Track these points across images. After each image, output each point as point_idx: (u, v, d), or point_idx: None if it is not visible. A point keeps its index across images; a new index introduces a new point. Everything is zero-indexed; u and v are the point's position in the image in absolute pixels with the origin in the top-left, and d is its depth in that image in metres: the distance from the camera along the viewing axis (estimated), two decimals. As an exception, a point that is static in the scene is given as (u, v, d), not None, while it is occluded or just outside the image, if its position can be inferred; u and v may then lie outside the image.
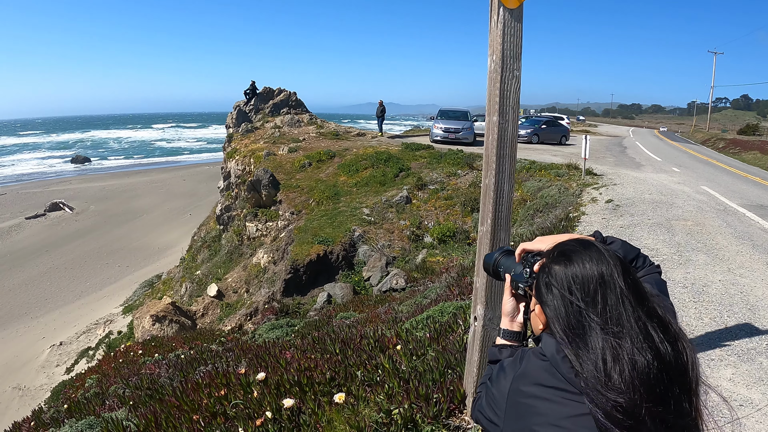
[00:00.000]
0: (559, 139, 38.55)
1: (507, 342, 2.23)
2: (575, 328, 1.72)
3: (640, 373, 1.61)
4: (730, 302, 7.84)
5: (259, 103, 39.98)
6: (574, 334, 1.72)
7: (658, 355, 1.65)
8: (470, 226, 19.36)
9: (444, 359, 4.85)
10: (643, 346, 1.65)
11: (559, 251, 1.88)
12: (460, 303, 7.36)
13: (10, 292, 32.44)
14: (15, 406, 19.55)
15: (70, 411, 7.09)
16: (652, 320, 1.71)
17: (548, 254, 1.92)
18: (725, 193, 18.36)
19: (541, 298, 1.87)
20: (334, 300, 16.55)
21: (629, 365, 1.62)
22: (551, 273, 1.84)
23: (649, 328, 1.69)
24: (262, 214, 25.21)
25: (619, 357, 1.63)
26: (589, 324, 1.71)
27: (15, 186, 65.99)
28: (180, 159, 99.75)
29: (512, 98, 3.67)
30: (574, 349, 1.71)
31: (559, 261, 1.84)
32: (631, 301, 1.72)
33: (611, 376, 1.62)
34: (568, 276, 1.78)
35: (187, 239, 35.91)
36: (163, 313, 19.58)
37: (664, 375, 1.63)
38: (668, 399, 1.62)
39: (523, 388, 1.77)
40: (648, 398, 1.60)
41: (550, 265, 1.87)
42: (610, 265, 1.77)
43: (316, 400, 4.48)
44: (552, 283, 1.82)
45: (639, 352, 1.64)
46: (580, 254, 1.82)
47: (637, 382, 1.60)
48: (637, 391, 1.60)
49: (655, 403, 1.60)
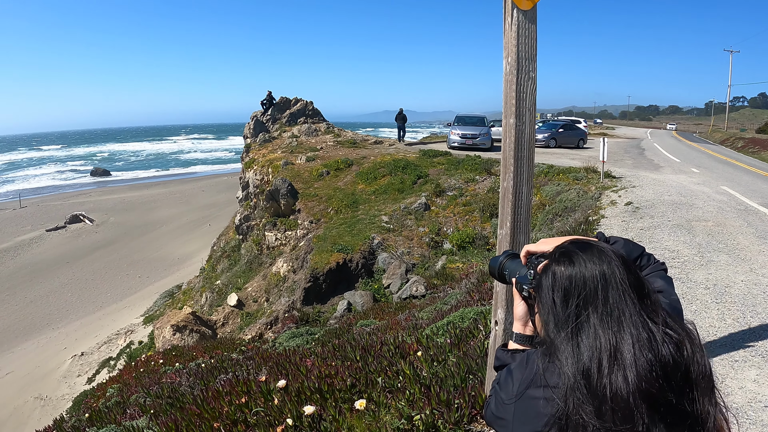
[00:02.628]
0: (576, 142, 38.35)
1: (519, 346, 2.22)
2: (569, 328, 1.72)
3: (640, 372, 1.60)
4: (753, 302, 7.75)
5: (276, 113, 40.13)
6: (567, 333, 1.72)
7: (659, 355, 1.63)
8: (489, 231, 19.30)
9: (465, 365, 4.82)
10: (644, 345, 1.64)
11: (560, 252, 1.88)
12: (481, 308, 7.33)
13: (31, 304, 32.75)
14: (37, 415, 19.69)
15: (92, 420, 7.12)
16: (655, 319, 1.70)
17: (550, 256, 1.91)
18: (745, 192, 18.19)
19: (540, 299, 1.87)
20: (354, 308, 16.53)
21: (631, 364, 1.61)
22: (552, 274, 1.83)
23: (651, 326, 1.68)
24: (281, 224, 25.27)
25: (618, 356, 1.63)
26: (587, 323, 1.70)
27: (35, 199, 66.67)
28: (198, 170, 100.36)
29: (528, 100, 3.66)
30: (565, 347, 1.71)
31: (561, 262, 1.83)
32: (634, 299, 1.72)
33: (605, 376, 1.62)
34: (569, 277, 1.77)
35: (206, 249, 36.08)
36: (183, 323, 19.65)
37: (665, 375, 1.61)
38: (668, 399, 1.61)
39: (530, 392, 1.76)
40: (646, 397, 1.59)
41: (551, 266, 1.86)
42: (612, 264, 1.76)
43: (337, 406, 4.47)
44: (552, 284, 1.81)
45: (640, 351, 1.63)
46: (580, 255, 1.81)
47: (636, 380, 1.59)
48: (636, 389, 1.59)
49: (654, 403, 1.59)
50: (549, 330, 1.78)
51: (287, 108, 40.89)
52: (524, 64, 3.61)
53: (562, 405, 1.64)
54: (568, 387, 1.64)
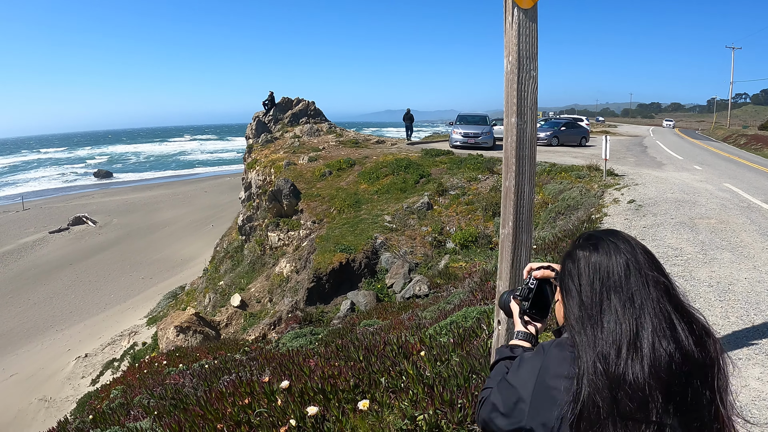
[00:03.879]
0: (579, 140, 38.29)
1: (522, 343, 2.24)
2: (591, 313, 1.73)
3: (657, 361, 1.60)
4: (757, 300, 7.74)
5: (278, 113, 40.15)
6: (589, 318, 1.72)
7: (679, 346, 1.64)
8: (492, 230, 19.30)
9: (468, 364, 4.82)
10: (666, 334, 1.64)
11: (585, 237, 1.90)
12: (484, 308, 7.33)
13: (35, 306, 32.78)
14: (41, 417, 19.71)
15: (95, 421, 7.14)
16: (677, 311, 1.71)
17: (575, 242, 1.92)
18: (749, 189, 18.15)
19: (563, 285, 1.87)
20: (357, 308, 16.54)
21: (649, 352, 1.61)
22: (576, 259, 1.84)
23: (672, 317, 1.68)
24: (284, 224, 25.28)
25: (638, 343, 1.63)
26: (609, 309, 1.71)
27: (38, 201, 66.76)
28: (200, 171, 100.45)
29: (530, 99, 3.65)
30: (586, 332, 1.71)
31: (585, 247, 1.84)
32: (657, 289, 1.72)
33: (623, 362, 1.62)
34: (595, 263, 1.79)
35: (209, 250, 36.09)
36: (187, 324, 19.66)
37: (683, 366, 1.62)
38: (686, 392, 1.61)
39: (548, 382, 1.76)
40: (661, 387, 1.59)
41: (575, 251, 1.87)
42: (637, 253, 1.77)
43: (340, 407, 4.47)
44: (577, 269, 1.82)
45: (659, 341, 1.63)
46: (606, 242, 1.82)
47: (654, 369, 1.59)
48: (652, 378, 1.58)
49: (669, 393, 1.59)
50: (571, 316, 1.79)
51: (289, 108, 40.92)
52: (525, 62, 3.60)
53: (579, 390, 1.64)
54: (586, 372, 1.64)
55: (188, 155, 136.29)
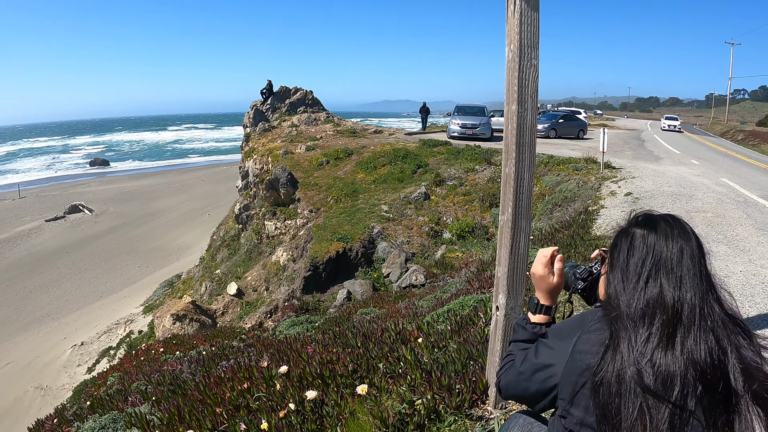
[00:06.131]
0: (576, 133, 38.28)
1: (543, 318, 2.25)
2: (638, 291, 1.75)
3: (694, 349, 1.63)
4: (752, 293, 7.78)
5: (275, 102, 40.05)
6: (630, 290, 1.76)
7: (717, 339, 1.66)
8: (489, 221, 19.34)
9: (466, 351, 4.85)
10: (704, 325, 1.67)
11: (644, 216, 1.92)
12: (481, 296, 7.36)
13: (31, 294, 32.81)
14: (37, 405, 19.75)
15: (93, 408, 7.14)
16: (720, 305, 1.75)
17: (631, 219, 1.95)
18: (745, 184, 18.21)
19: (613, 259, 1.89)
20: (353, 297, 16.57)
21: (693, 339, 1.64)
22: (632, 235, 1.86)
23: (716, 308, 1.72)
24: (281, 213, 25.29)
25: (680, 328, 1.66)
26: (655, 288, 1.73)
27: (34, 189, 66.67)
28: (197, 160, 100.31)
29: (531, 87, 3.68)
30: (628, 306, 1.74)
31: (643, 225, 1.87)
32: (705, 281, 1.76)
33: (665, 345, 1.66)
34: (651, 244, 1.80)
35: (206, 239, 36.11)
36: (183, 312, 19.69)
37: (717, 358, 1.63)
38: (716, 385, 1.61)
39: (580, 346, 1.82)
40: (693, 374, 1.61)
41: (632, 228, 1.89)
42: (692, 242, 1.80)
43: (339, 392, 4.50)
44: (631, 247, 1.84)
45: (699, 329, 1.66)
46: (664, 224, 1.84)
47: (690, 354, 1.63)
48: (686, 364, 1.61)
49: (699, 382, 1.60)
50: (613, 284, 1.82)
51: (287, 97, 40.81)
52: (527, 51, 3.62)
53: (608, 361, 1.68)
54: (621, 344, 1.68)
55: (185, 144, 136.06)
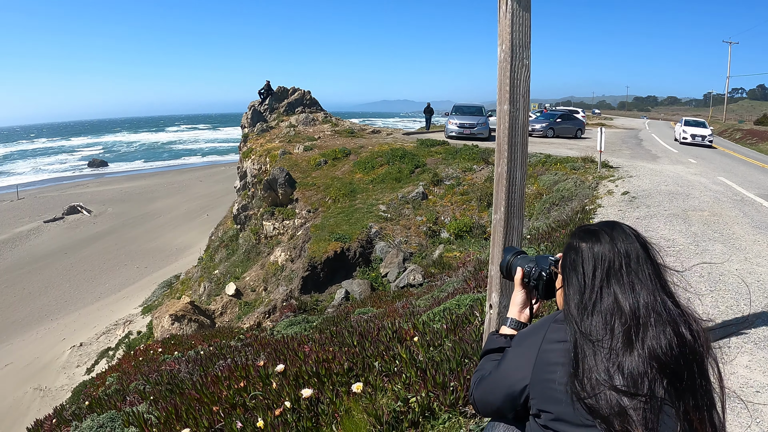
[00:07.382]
0: (574, 132, 38.29)
1: (512, 331, 2.30)
2: (593, 300, 1.81)
3: (655, 346, 1.69)
4: (748, 291, 7.81)
5: (273, 102, 40.01)
6: (590, 304, 1.81)
7: (675, 330, 1.73)
8: (486, 221, 19.36)
9: (461, 349, 4.88)
10: (660, 319, 1.73)
11: (584, 230, 1.98)
12: (477, 295, 7.39)
13: (30, 295, 32.79)
14: (36, 406, 19.75)
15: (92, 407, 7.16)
16: (671, 298, 1.81)
17: (575, 232, 2.00)
18: (742, 183, 18.26)
19: (565, 274, 1.95)
20: (351, 296, 16.59)
21: (652, 336, 1.70)
22: (578, 249, 1.91)
23: (669, 304, 1.78)
24: (279, 213, 25.29)
25: (639, 329, 1.72)
26: (609, 295, 1.80)
27: (32, 190, 66.64)
28: (195, 160, 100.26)
29: (522, 87, 3.71)
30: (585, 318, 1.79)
31: (587, 238, 1.92)
32: (652, 277, 1.82)
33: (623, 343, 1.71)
34: (596, 252, 1.87)
35: (204, 239, 36.09)
36: (182, 313, 19.71)
37: (678, 349, 1.70)
38: (681, 375, 1.69)
39: (547, 347, 1.87)
40: (658, 369, 1.67)
41: (577, 242, 1.94)
42: (636, 245, 1.86)
43: (334, 390, 4.53)
44: (578, 258, 1.90)
45: (656, 324, 1.72)
46: (606, 233, 1.91)
47: (651, 352, 1.68)
48: (650, 360, 1.67)
49: (665, 375, 1.67)
50: (571, 303, 1.87)
51: (285, 98, 40.78)
52: (518, 51, 3.66)
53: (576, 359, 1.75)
54: (581, 352, 1.74)
55: (183, 144, 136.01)
